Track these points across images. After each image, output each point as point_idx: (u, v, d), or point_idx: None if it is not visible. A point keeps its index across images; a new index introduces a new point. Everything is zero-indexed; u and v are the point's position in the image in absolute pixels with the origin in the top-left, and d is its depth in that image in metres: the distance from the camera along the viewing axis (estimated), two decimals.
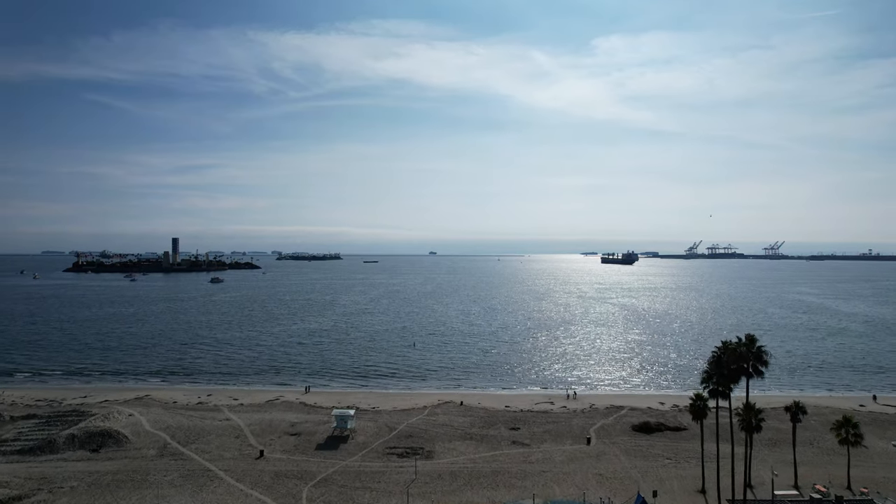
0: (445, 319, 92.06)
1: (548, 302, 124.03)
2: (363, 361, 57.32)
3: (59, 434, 32.59)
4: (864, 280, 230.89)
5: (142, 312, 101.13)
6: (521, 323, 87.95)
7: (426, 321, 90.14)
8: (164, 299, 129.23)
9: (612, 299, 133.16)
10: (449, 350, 64.01)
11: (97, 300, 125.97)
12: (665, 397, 44.70)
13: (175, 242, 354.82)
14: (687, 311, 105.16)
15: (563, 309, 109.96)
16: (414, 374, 52.19)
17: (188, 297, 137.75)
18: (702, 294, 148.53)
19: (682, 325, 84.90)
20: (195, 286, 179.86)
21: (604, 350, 64.56)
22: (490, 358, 59.43)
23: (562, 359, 59.33)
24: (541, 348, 65.37)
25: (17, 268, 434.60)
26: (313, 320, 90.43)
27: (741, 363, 27.08)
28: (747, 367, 27.30)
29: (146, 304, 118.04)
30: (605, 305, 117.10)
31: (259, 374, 51.99)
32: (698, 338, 72.46)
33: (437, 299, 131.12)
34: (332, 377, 51.27)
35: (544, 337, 73.46)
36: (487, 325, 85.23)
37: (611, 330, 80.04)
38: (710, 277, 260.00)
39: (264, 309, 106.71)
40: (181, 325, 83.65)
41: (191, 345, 66.00)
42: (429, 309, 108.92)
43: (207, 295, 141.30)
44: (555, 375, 52.29)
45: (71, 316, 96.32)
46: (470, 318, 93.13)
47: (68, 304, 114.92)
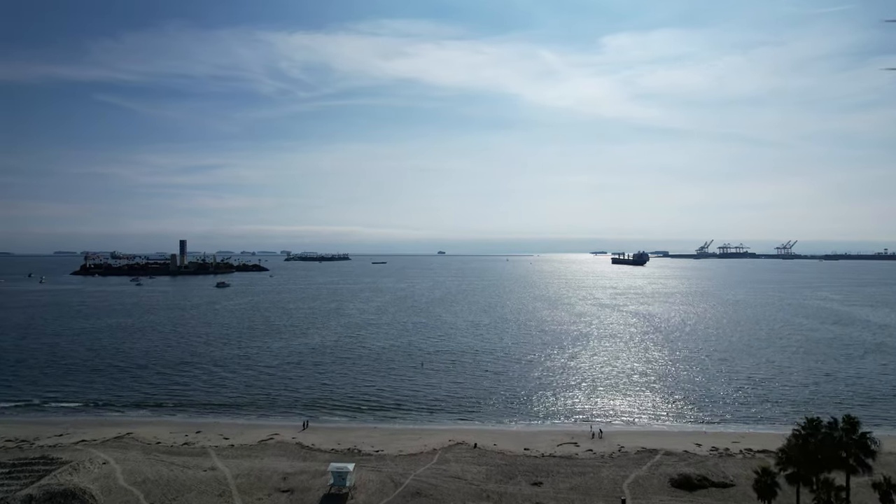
0: (454, 332, 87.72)
1: (561, 311, 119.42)
2: (366, 388, 52.94)
3: (15, 496, 28.48)
4: (887, 283, 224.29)
5: (140, 324, 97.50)
6: (534, 337, 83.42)
7: (434, 334, 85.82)
8: (166, 307, 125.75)
9: (627, 307, 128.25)
10: (459, 373, 59.60)
11: (98, 308, 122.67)
12: (700, 436, 40.03)
13: (182, 244, 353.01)
14: (707, 322, 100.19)
15: (578, 319, 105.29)
16: (422, 406, 47.73)
17: (191, 304, 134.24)
18: (719, 301, 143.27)
19: (704, 340, 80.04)
20: (200, 291, 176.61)
21: (625, 372, 59.87)
22: (503, 383, 54.93)
23: (582, 384, 54.70)
24: (558, 370, 60.80)
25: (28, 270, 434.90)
26: (316, 333, 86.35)
27: (837, 452, 22.32)
28: (847, 459, 22.25)
29: (147, 312, 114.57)
30: (620, 315, 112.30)
31: (254, 403, 47.70)
32: (725, 356, 67.60)
33: (445, 307, 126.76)
34: (333, 408, 46.90)
35: (560, 355, 68.84)
36: (498, 339, 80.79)
37: (630, 346, 75.33)
38: (725, 281, 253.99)
39: (266, 320, 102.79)
40: (178, 340, 79.78)
41: (185, 365, 61.99)
42: (437, 319, 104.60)
43: (211, 302, 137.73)
44: (576, 406, 47.68)
45: (67, 328, 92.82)
46: (480, 331, 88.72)
47: (67, 314, 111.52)
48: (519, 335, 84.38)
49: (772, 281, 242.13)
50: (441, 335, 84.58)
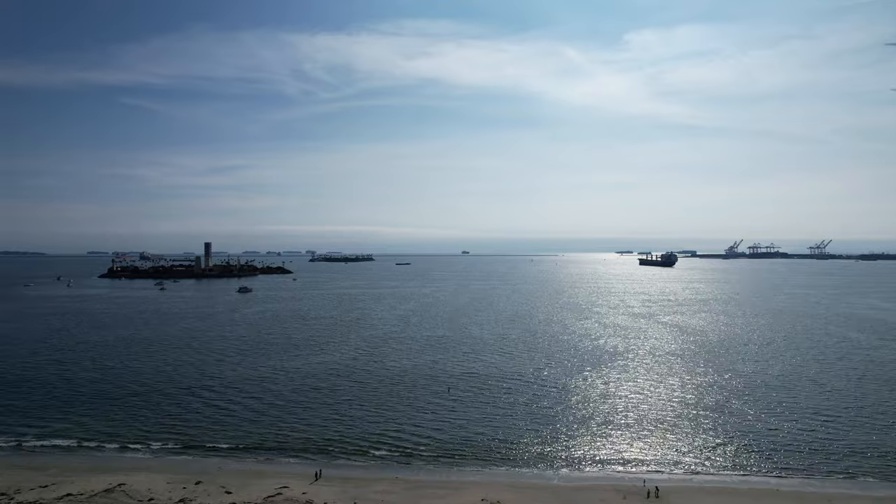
0: (481, 349, 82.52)
1: (592, 322, 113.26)
2: (388, 421, 48.00)
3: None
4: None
5: (156, 336, 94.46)
6: (566, 355, 77.71)
7: (460, 351, 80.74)
8: (185, 316, 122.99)
9: (663, 317, 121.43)
10: (488, 402, 54.37)
11: (117, 317, 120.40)
12: (777, 496, 34.29)
13: (207, 247, 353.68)
14: (753, 338, 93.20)
15: (612, 333, 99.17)
16: (449, 447, 42.64)
17: (211, 312, 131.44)
18: (760, 310, 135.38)
19: (755, 361, 73.41)
20: (222, 297, 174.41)
21: (673, 403, 53.90)
22: (537, 417, 49.44)
23: (626, 419, 48.93)
24: (596, 400, 55.13)
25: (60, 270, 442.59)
26: (335, 350, 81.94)
27: None
28: None
29: (165, 323, 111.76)
30: (657, 327, 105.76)
31: (263, 444, 43.11)
32: (784, 383, 61.04)
33: (471, 317, 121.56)
34: (350, 451, 42.07)
35: (597, 379, 63.03)
36: (529, 358, 75.30)
37: (673, 368, 69.15)
38: (760, 284, 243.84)
39: (284, 332, 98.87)
40: (191, 357, 76.07)
41: (194, 390, 57.87)
42: (463, 332, 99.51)
43: (231, 310, 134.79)
44: (622, 450, 41.99)
45: (82, 340, 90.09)
46: (508, 347, 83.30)
47: (85, 324, 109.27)
48: (550, 353, 78.70)
49: (811, 286, 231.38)
50: (467, 352, 79.40)
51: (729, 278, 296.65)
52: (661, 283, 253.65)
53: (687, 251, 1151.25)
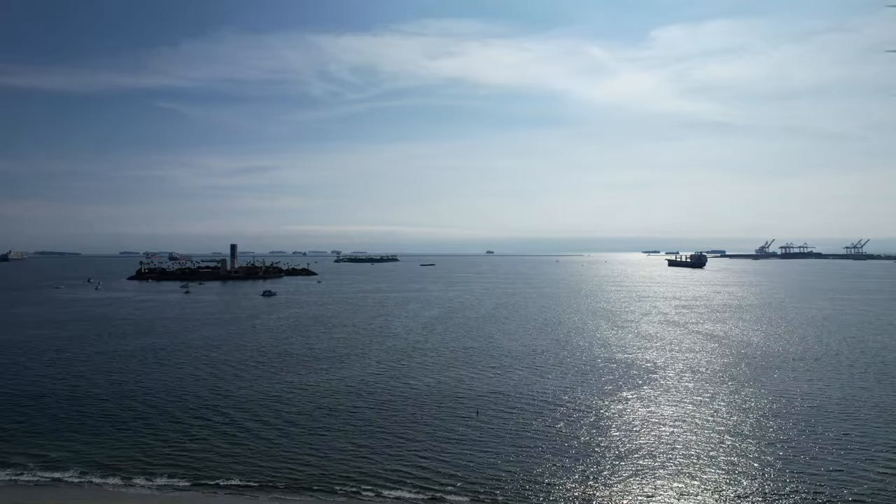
0: (510, 363, 78.16)
1: (625, 331, 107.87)
2: (411, 453, 44.04)
3: None
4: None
5: (174, 345, 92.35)
6: (601, 372, 72.85)
7: (487, 365, 76.50)
8: (206, 322, 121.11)
9: (699, 326, 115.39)
10: (519, 428, 50.02)
11: (139, 324, 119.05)
12: None
13: (233, 248, 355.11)
14: (799, 351, 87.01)
15: (647, 344, 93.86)
16: (477, 488, 38.47)
17: (233, 318, 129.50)
18: (801, 318, 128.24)
19: (808, 380, 67.60)
20: (245, 301, 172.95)
21: (723, 434, 48.71)
22: (575, 452, 44.90)
23: (672, 455, 44.10)
24: (637, 430, 50.30)
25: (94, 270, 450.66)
26: (356, 362, 78.40)
27: None
28: None
29: (186, 330, 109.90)
30: (694, 338, 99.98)
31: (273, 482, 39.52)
32: (847, 409, 55.34)
33: (498, 325, 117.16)
34: (369, 490, 38.23)
35: (636, 404, 58.05)
36: (561, 375, 70.66)
37: (718, 390, 63.71)
38: (798, 287, 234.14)
39: (305, 342, 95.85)
40: (206, 371, 73.32)
41: (206, 413, 54.70)
42: (490, 342, 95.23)
43: (252, 316, 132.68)
44: (671, 494, 37.45)
45: (101, 350, 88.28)
46: (538, 362, 78.74)
47: (106, 332, 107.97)
48: (583, 368, 73.92)
49: (853, 289, 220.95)
50: (495, 366, 75.07)
51: (762, 281, 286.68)
52: (693, 286, 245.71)
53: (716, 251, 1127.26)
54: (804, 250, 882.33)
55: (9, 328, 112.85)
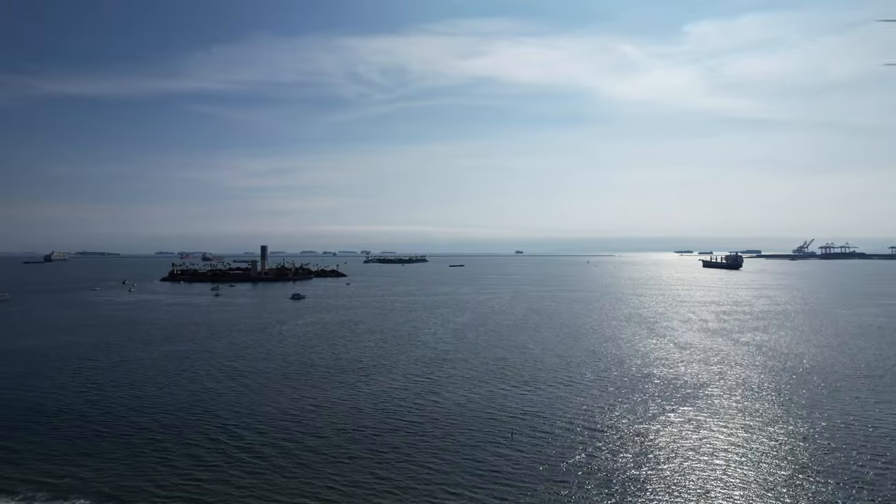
0: (545, 376, 74.06)
1: (665, 341, 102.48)
2: (444, 490, 40.43)
3: None
4: None
5: (198, 353, 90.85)
6: (642, 389, 68.15)
7: (521, 380, 72.52)
8: (233, 328, 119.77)
9: (742, 334, 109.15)
10: (558, 456, 45.99)
11: (167, 329, 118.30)
12: None
13: (263, 250, 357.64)
14: (855, 365, 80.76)
15: (690, 357, 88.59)
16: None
17: (261, 323, 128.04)
18: (853, 326, 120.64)
19: (876, 402, 61.96)
20: (273, 305, 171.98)
21: (785, 467, 43.91)
22: (621, 486, 40.79)
23: (729, 491, 39.68)
24: (688, 459, 45.73)
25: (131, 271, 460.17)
26: (384, 375, 75.31)
27: None
28: None
29: (213, 336, 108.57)
30: (739, 350, 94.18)
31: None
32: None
33: (530, 333, 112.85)
34: None
35: (684, 428, 53.29)
36: (599, 392, 66.24)
37: (772, 411, 58.46)
38: (843, 290, 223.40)
39: (332, 351, 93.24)
40: (228, 386, 70.98)
41: (223, 435, 52.05)
42: (523, 353, 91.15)
43: (280, 322, 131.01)
44: None
45: (126, 358, 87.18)
46: (573, 375, 74.39)
47: (134, 337, 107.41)
48: (623, 384, 69.26)
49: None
50: (528, 381, 70.95)
51: (803, 283, 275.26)
52: (731, 289, 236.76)
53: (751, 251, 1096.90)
54: (846, 250, 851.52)
55: (42, 332, 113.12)
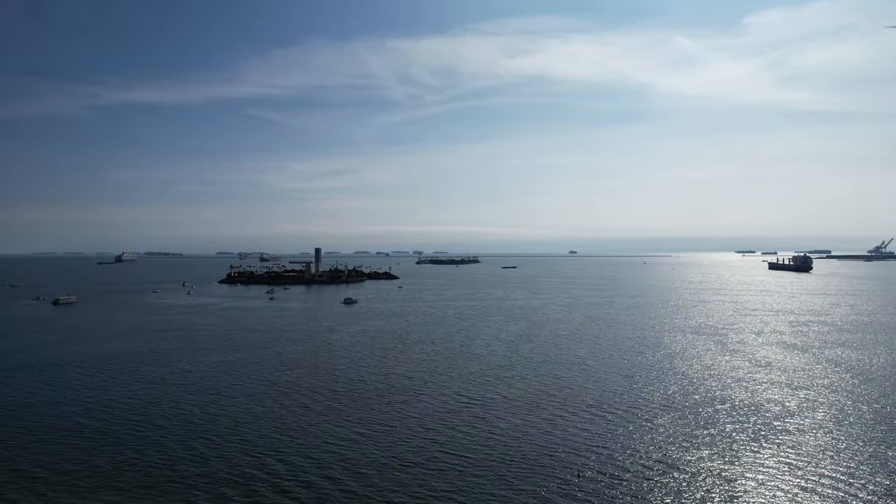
0: (610, 402, 68.13)
1: (740, 358, 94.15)
2: None
3: None
4: None
5: (245, 367, 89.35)
6: (722, 420, 61.19)
7: (584, 404, 66.84)
8: (283, 337, 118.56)
9: (826, 350, 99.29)
10: None
11: (220, 337, 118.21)
12: None
13: (317, 252, 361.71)
14: None
15: (770, 377, 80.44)
16: None
17: (311, 331, 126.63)
18: None
19: None
20: (325, 310, 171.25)
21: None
22: None
23: None
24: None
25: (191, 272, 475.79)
26: (436, 395, 71.16)
27: None
28: None
29: (260, 345, 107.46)
30: (826, 370, 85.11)
31: None
32: None
33: (590, 346, 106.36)
34: None
35: (779, 475, 46.52)
36: (674, 423, 59.83)
37: (886, 453, 50.97)
38: None
39: (381, 363, 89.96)
40: (271, 403, 68.55)
41: (259, 464, 49.00)
42: (584, 372, 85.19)
43: (331, 329, 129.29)
44: None
45: (175, 370, 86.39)
46: (642, 401, 68.05)
47: (185, 346, 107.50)
48: (699, 412, 62.47)
49: None
50: (593, 406, 65.06)
51: (887, 289, 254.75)
52: (804, 295, 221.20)
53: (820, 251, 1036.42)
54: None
55: (98, 338, 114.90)
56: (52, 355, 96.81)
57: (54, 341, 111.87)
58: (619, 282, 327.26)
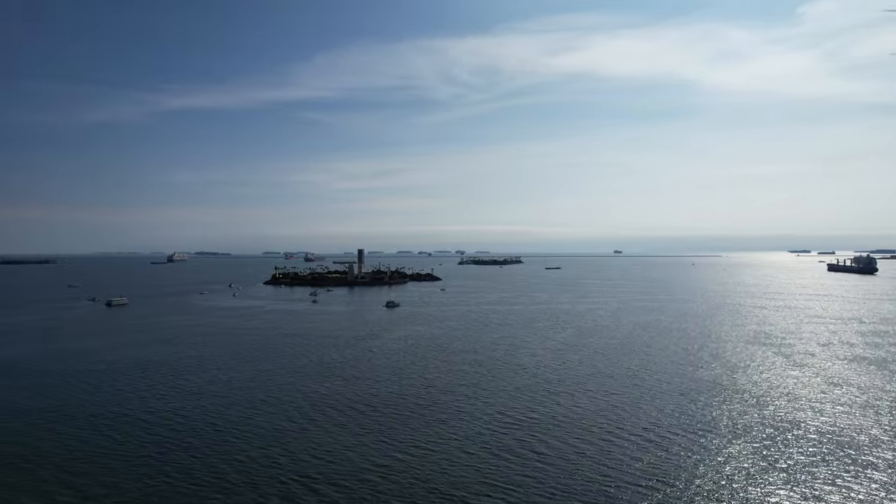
0: (669, 426, 62.96)
1: (808, 373, 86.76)
2: None
3: None
4: None
5: (282, 376, 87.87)
6: (798, 446, 55.33)
7: (639, 429, 62.05)
8: (324, 342, 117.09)
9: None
10: None
11: (261, 344, 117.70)
12: None
13: (360, 254, 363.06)
14: None
15: (845, 397, 73.44)
16: None
17: (353, 337, 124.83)
18: None
19: None
20: (368, 314, 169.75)
21: None
22: None
23: None
24: None
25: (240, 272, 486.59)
26: (480, 412, 67.46)
27: None
28: None
29: (303, 352, 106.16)
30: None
31: None
32: None
33: (640, 357, 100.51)
34: None
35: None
36: (742, 448, 54.18)
37: None
38: None
39: (422, 375, 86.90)
40: (309, 419, 66.26)
41: (289, 494, 46.27)
42: (636, 387, 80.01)
43: (372, 335, 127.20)
44: None
45: (211, 380, 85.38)
46: (704, 426, 62.52)
47: (227, 353, 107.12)
48: (771, 439, 56.55)
49: None
50: (649, 430, 60.01)
51: None
52: (870, 301, 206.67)
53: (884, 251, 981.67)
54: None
55: (146, 343, 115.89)
56: (95, 360, 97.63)
57: (101, 346, 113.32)
58: (668, 284, 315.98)
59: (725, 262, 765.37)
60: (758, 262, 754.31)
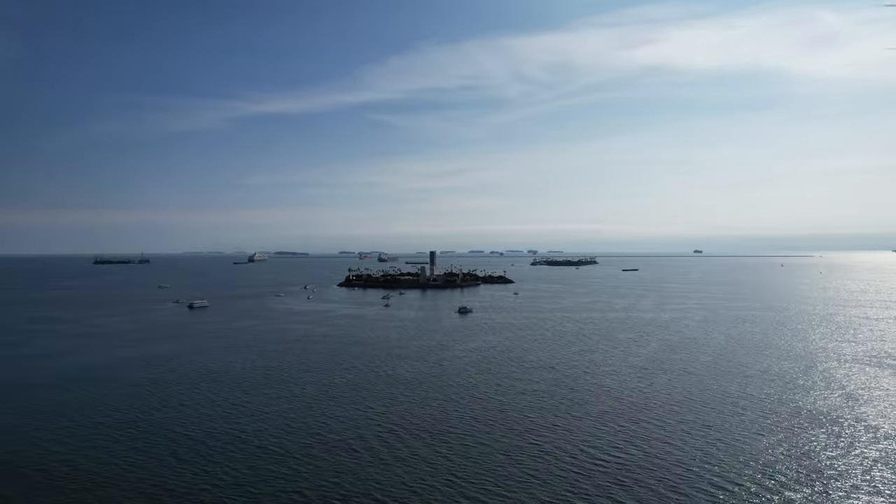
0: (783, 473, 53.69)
1: None
2: None
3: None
4: None
5: (349, 392, 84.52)
6: None
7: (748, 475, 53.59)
8: (394, 353, 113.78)
9: None
10: None
11: (330, 352, 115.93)
12: None
13: (432, 255, 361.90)
14: None
15: None
16: None
17: (422, 347, 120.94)
18: None
19: None
20: (438, 321, 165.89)
21: None
22: None
23: None
24: None
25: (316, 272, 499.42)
26: (557, 452, 60.84)
27: None
28: None
29: (372, 363, 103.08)
30: None
31: None
32: None
33: (738, 382, 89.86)
34: None
35: None
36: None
37: None
38: None
39: (495, 395, 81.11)
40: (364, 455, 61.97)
41: None
42: (739, 420, 70.55)
43: (443, 345, 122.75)
44: None
45: (279, 395, 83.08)
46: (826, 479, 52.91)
47: (296, 363, 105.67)
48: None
49: None
50: (761, 475, 51.14)
51: None
52: None
53: None
54: None
55: (222, 351, 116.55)
56: (166, 370, 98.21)
57: (175, 353, 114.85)
58: (758, 289, 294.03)
59: (821, 263, 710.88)
60: (858, 263, 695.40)
